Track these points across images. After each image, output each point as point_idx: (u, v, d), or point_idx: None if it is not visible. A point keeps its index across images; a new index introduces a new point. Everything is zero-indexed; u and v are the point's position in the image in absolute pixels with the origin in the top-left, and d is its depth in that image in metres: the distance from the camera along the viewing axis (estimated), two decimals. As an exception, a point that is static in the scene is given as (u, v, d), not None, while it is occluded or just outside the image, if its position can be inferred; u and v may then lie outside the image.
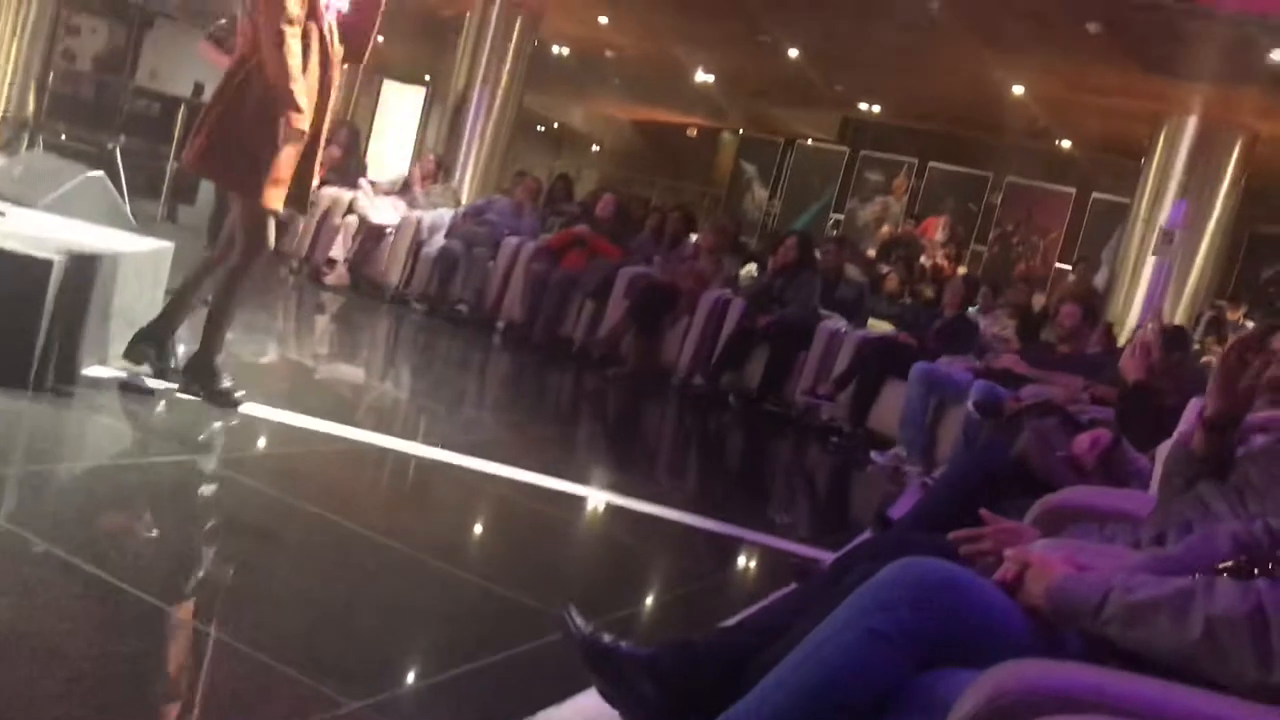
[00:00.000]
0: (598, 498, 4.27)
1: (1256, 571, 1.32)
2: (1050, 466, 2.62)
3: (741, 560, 4.00)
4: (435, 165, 9.35)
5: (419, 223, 8.51)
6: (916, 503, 3.07)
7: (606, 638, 1.96)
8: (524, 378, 7.27)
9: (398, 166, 12.32)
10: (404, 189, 9.02)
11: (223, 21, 5.91)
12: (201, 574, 2.61)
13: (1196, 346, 8.82)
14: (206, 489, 3.24)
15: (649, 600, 3.30)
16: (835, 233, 13.84)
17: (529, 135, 20.15)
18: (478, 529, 3.66)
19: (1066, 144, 13.89)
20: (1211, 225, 10.40)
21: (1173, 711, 1.12)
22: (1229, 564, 1.35)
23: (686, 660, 1.89)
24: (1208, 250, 10.48)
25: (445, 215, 8.64)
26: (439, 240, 8.36)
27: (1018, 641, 1.35)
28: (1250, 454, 1.95)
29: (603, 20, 12.44)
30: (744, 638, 1.95)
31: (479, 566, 3.14)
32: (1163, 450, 2.44)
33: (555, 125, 22.05)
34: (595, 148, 22.39)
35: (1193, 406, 2.46)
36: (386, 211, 8.66)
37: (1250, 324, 10.29)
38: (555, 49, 14.59)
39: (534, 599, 2.81)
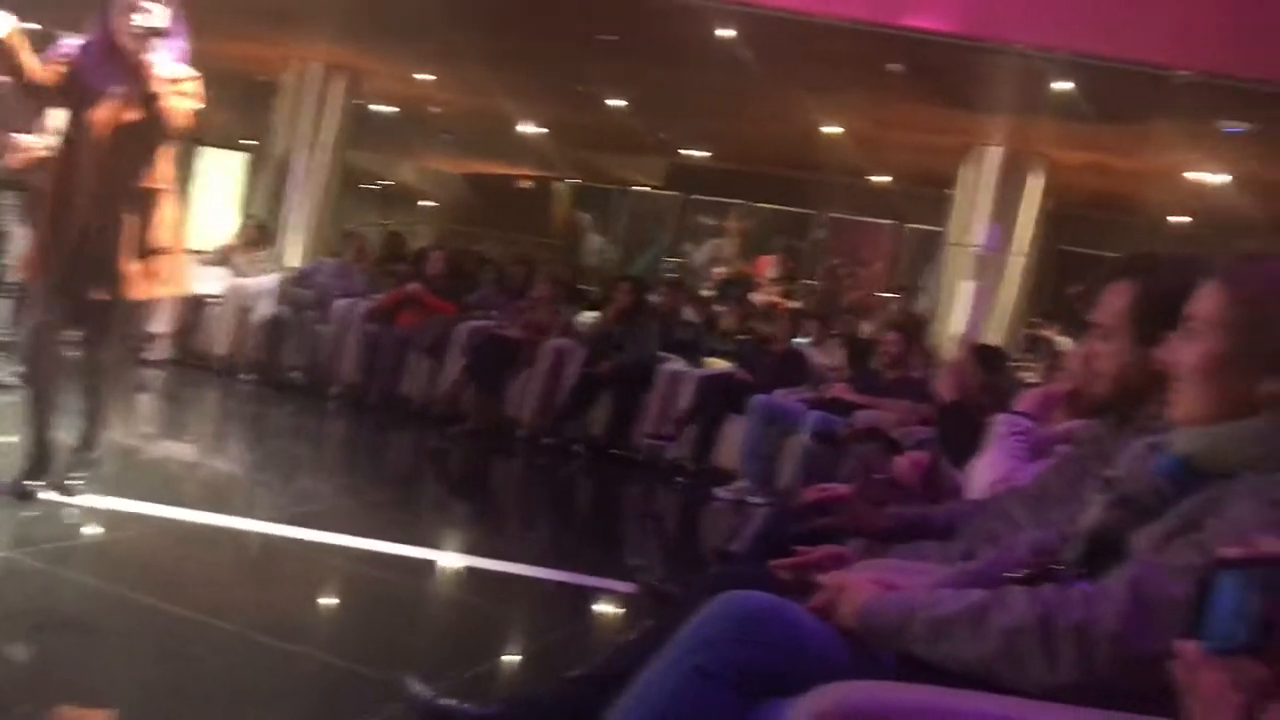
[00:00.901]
0: (444, 560, 4.20)
1: (1046, 578, 1.38)
2: (875, 489, 2.70)
3: (595, 609, 3.98)
4: (256, 231, 9.10)
5: (244, 290, 8.27)
6: (752, 536, 3.13)
7: (447, 702, 1.92)
8: (362, 442, 7.11)
9: (221, 235, 11.98)
10: (226, 257, 8.76)
11: None
12: (15, 678, 2.45)
13: (1016, 364, 9.26)
14: (19, 586, 3.05)
15: (500, 659, 3.25)
16: (672, 276, 14.08)
17: (358, 194, 19.86)
18: (316, 602, 3.54)
19: (881, 179, 14.49)
20: (1020, 248, 10.99)
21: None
22: (1023, 573, 1.41)
23: (531, 716, 1.87)
24: (1020, 272, 11.06)
25: (271, 281, 8.42)
26: (266, 307, 8.13)
27: (837, 666, 1.38)
28: (1054, 463, 2.06)
29: (423, 77, 12.42)
30: (588, 687, 1.94)
31: (317, 641, 3.04)
32: (978, 465, 2.56)
33: (385, 183, 21.80)
34: (428, 203, 22.21)
35: (1000, 422, 2.59)
36: (209, 281, 8.39)
37: (1065, 340, 10.87)
38: (378, 107, 14.48)
39: (376, 669, 2.74)
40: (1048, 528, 1.65)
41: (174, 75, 3.71)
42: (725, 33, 8.56)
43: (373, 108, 14.33)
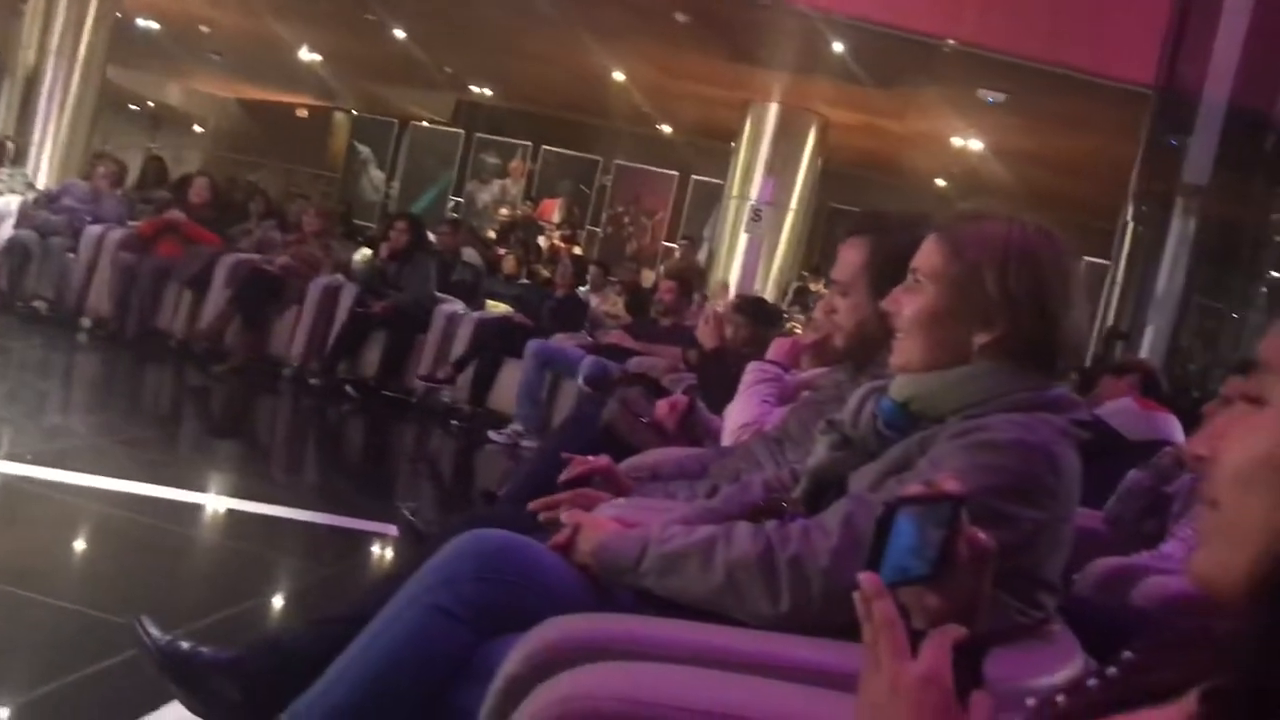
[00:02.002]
0: (205, 502, 4.04)
1: (773, 514, 1.46)
2: (635, 432, 2.77)
3: (359, 551, 3.93)
4: (-8, 146, 8.32)
5: (-18, 212, 7.63)
6: (515, 477, 3.16)
7: (185, 645, 1.86)
8: (117, 378, 6.72)
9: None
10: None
11: None
12: None
13: (785, 315, 9.63)
14: None
15: (256, 602, 3.17)
16: (454, 216, 13.86)
17: (121, 114, 18.60)
18: (61, 547, 3.34)
19: (667, 129, 14.66)
20: (794, 203, 11.40)
21: (696, 649, 1.23)
22: (755, 509, 1.48)
23: (273, 659, 1.83)
24: (793, 226, 11.48)
25: (14, 203, 7.79)
26: (7, 230, 7.53)
27: (575, 602, 1.42)
28: (794, 407, 2.17)
29: (193, -8, 11.72)
30: (335, 628, 1.91)
31: (58, 588, 2.88)
32: (731, 409, 2.66)
33: (150, 104, 20.47)
34: (198, 128, 21.01)
35: (751, 369, 2.70)
36: (-59, 201, 7.69)
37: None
38: (142, 22, 13.55)
39: (120, 614, 2.61)
40: (785, 468, 1.74)
41: None
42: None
43: (138, 22, 13.42)
